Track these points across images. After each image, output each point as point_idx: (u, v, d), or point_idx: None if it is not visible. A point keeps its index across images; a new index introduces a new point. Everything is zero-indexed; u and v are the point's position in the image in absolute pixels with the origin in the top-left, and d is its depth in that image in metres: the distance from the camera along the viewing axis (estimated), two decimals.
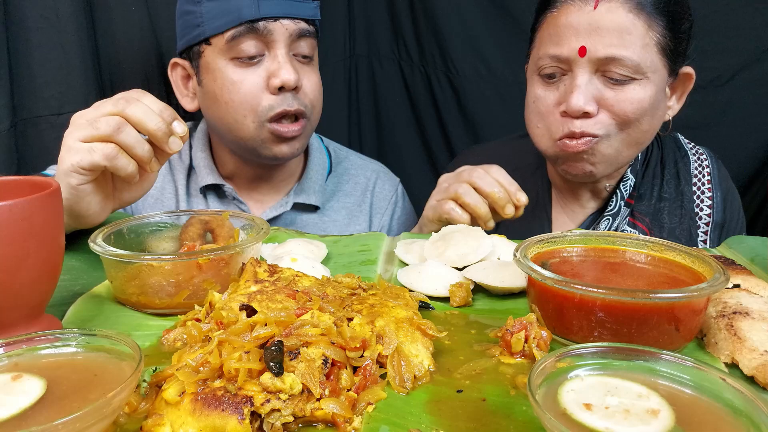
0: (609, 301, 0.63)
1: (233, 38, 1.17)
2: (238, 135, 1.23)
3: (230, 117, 1.22)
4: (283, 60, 1.19)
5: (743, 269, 0.82)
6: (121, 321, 0.75)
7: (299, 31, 1.20)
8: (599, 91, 1.05)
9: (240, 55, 1.18)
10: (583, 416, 0.46)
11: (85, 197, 0.86)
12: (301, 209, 1.40)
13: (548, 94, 1.11)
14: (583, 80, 1.04)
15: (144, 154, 0.85)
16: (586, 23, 1.03)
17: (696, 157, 1.28)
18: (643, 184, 1.23)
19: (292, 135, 1.22)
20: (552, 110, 1.10)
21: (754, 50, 1.55)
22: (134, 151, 0.84)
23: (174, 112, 0.87)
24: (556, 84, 1.10)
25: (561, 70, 1.08)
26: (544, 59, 1.09)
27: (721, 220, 1.24)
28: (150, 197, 1.37)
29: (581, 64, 1.04)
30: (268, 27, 1.17)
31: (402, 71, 1.89)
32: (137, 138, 0.84)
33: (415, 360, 0.61)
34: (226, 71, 1.20)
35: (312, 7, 1.23)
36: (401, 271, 0.87)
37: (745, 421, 0.46)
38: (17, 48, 1.31)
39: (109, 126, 0.82)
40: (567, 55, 1.05)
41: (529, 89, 1.16)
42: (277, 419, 0.51)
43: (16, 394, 0.48)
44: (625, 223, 1.21)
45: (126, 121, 0.83)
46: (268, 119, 1.20)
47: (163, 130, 0.85)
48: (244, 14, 1.16)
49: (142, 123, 0.84)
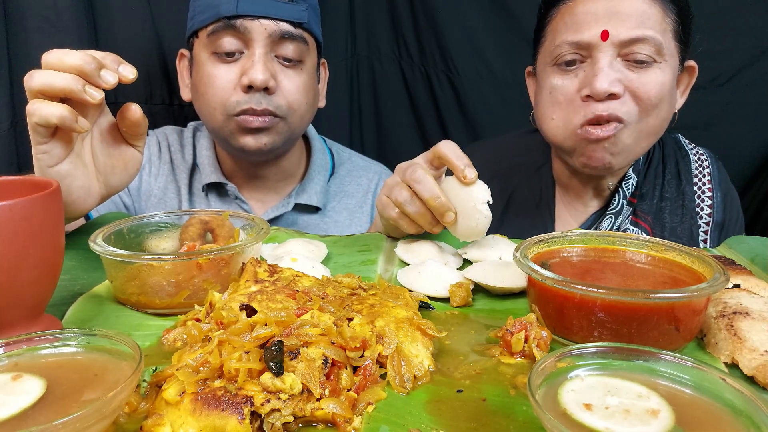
0: (609, 301, 0.63)
1: (212, 33, 1.20)
2: (211, 125, 1.27)
3: (205, 108, 1.25)
4: (257, 59, 1.19)
5: (743, 269, 0.82)
6: (121, 321, 0.75)
7: (281, 33, 1.20)
8: (623, 74, 1.05)
9: (218, 50, 1.20)
10: (583, 416, 0.46)
11: (64, 179, 0.83)
12: (302, 210, 1.40)
13: (567, 82, 1.10)
14: (605, 63, 1.04)
15: (65, 83, 0.77)
16: (605, 9, 1.04)
17: (696, 157, 1.28)
18: (646, 184, 1.23)
19: (257, 125, 1.21)
20: (572, 97, 1.09)
21: (754, 50, 1.54)
22: (54, 88, 0.77)
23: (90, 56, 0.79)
24: (574, 71, 1.09)
25: (580, 56, 1.08)
26: (562, 47, 1.08)
27: (721, 219, 1.24)
28: (153, 197, 1.37)
29: (603, 48, 1.04)
30: (246, 25, 1.18)
31: (402, 71, 1.89)
32: (51, 74, 0.77)
33: (415, 360, 0.61)
34: (206, 65, 1.22)
35: (298, 10, 1.22)
36: (401, 271, 0.87)
37: (745, 421, 0.46)
38: (17, 48, 1.31)
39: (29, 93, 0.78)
40: (588, 40, 1.05)
41: (543, 82, 1.15)
42: (277, 419, 0.51)
43: (16, 394, 0.48)
44: (627, 222, 1.21)
45: (35, 70, 0.78)
46: (234, 113, 1.21)
47: (74, 85, 0.77)
48: (222, 10, 1.17)
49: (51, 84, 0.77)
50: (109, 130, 0.89)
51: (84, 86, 0.77)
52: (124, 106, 0.85)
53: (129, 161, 0.91)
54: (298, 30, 1.23)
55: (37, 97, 0.78)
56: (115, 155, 0.90)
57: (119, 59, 0.82)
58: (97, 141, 0.88)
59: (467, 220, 0.88)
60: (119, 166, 0.90)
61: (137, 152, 0.92)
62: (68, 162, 0.83)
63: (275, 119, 1.23)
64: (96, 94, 0.78)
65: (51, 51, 0.78)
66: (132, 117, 0.85)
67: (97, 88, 0.78)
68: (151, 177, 1.38)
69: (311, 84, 1.30)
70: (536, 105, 1.19)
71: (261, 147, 1.25)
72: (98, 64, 0.78)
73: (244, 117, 1.21)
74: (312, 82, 1.30)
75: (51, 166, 0.82)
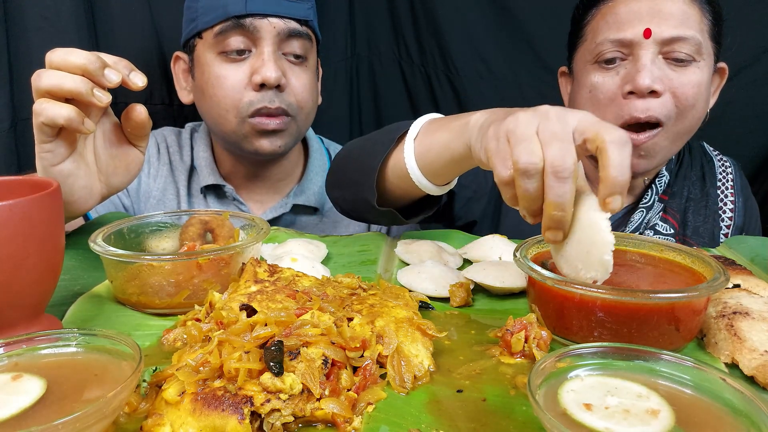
0: (609, 301, 0.63)
1: (220, 33, 1.19)
2: (222, 129, 1.26)
3: (215, 111, 1.24)
4: (268, 57, 1.19)
5: (743, 269, 0.82)
6: (121, 321, 0.75)
7: (288, 31, 1.21)
8: (663, 72, 1.07)
9: (226, 50, 1.20)
10: (583, 416, 0.46)
11: (66, 178, 0.83)
12: (300, 211, 1.40)
13: (608, 80, 1.11)
14: (648, 60, 1.06)
15: (74, 85, 0.77)
16: (647, 8, 1.06)
17: (720, 163, 1.32)
18: (677, 183, 1.26)
19: (273, 128, 1.22)
20: (614, 94, 1.11)
21: (754, 50, 1.54)
22: (62, 89, 0.77)
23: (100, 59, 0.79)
24: (615, 69, 1.11)
25: (622, 54, 1.09)
26: (604, 44, 1.10)
27: (742, 224, 1.27)
28: (152, 198, 1.37)
29: (646, 45, 1.06)
30: (255, 24, 1.18)
31: (402, 71, 1.89)
32: (59, 76, 0.77)
33: (415, 360, 0.61)
34: (213, 66, 1.22)
35: (304, 8, 1.23)
36: (401, 271, 0.87)
37: (745, 421, 0.46)
38: (17, 48, 1.31)
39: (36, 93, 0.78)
40: (631, 38, 1.07)
41: (582, 80, 1.16)
42: (277, 419, 0.51)
43: (16, 394, 0.48)
44: (657, 218, 1.23)
45: (42, 70, 0.78)
46: (248, 115, 1.21)
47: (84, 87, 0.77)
48: (230, 10, 1.17)
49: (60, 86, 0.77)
50: (112, 130, 0.89)
51: (92, 89, 0.78)
52: (130, 106, 0.85)
53: (131, 161, 0.91)
54: (304, 28, 1.23)
55: (45, 96, 0.78)
56: (118, 155, 0.90)
57: (131, 66, 0.83)
58: (100, 141, 0.88)
59: (578, 251, 0.66)
60: (121, 166, 0.91)
61: (139, 153, 0.92)
62: (71, 161, 0.84)
63: (288, 120, 1.24)
64: (103, 98, 0.79)
65: (55, 50, 0.78)
66: (138, 118, 0.85)
67: (104, 91, 0.79)
68: (150, 178, 1.38)
69: (314, 81, 1.31)
70: (573, 104, 1.21)
71: (276, 150, 1.25)
72: (102, 63, 0.78)
73: (259, 120, 1.21)
74: (314, 79, 1.32)
75: (54, 165, 0.82)
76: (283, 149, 1.27)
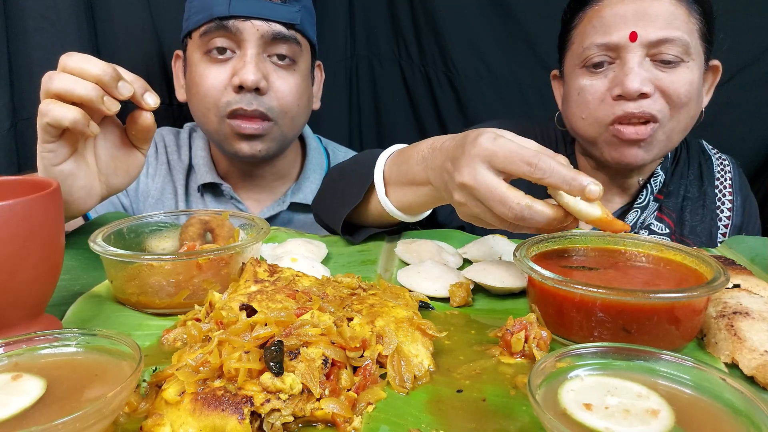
0: (609, 301, 0.63)
1: (205, 33, 1.20)
2: (206, 128, 1.28)
3: (198, 110, 1.26)
4: (249, 60, 1.19)
5: (743, 269, 0.82)
6: (121, 321, 0.75)
7: (273, 34, 1.20)
8: (652, 74, 1.07)
9: (210, 49, 1.21)
10: (583, 416, 0.46)
11: (66, 178, 0.84)
12: (297, 209, 1.41)
13: (596, 82, 1.11)
14: (635, 63, 1.06)
15: (85, 91, 0.78)
16: (633, 11, 1.06)
17: (719, 161, 1.31)
18: (673, 182, 1.26)
19: (250, 132, 1.22)
20: (602, 96, 1.10)
21: (754, 50, 1.54)
22: (73, 94, 0.78)
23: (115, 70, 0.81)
24: (603, 72, 1.10)
25: (609, 58, 1.09)
26: (591, 49, 1.10)
27: (740, 222, 1.26)
28: (150, 197, 1.37)
29: (632, 49, 1.06)
30: (237, 26, 1.18)
31: (402, 71, 1.89)
32: (72, 81, 0.78)
33: (415, 360, 0.61)
34: (198, 65, 1.23)
35: (291, 11, 1.21)
36: (401, 271, 0.87)
37: (745, 421, 0.46)
38: (17, 48, 1.31)
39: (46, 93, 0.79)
40: (617, 41, 1.06)
41: (572, 84, 1.16)
42: (277, 419, 0.51)
43: (16, 394, 0.48)
44: (652, 217, 1.23)
45: (55, 72, 0.80)
46: (226, 115, 1.21)
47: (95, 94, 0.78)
48: (215, 11, 1.18)
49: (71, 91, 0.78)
50: (115, 132, 0.90)
51: (103, 96, 0.79)
52: (136, 111, 0.86)
53: (132, 163, 0.92)
54: (290, 31, 1.22)
55: (53, 98, 0.79)
56: (119, 157, 0.90)
57: (147, 86, 0.84)
58: (102, 142, 0.89)
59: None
60: (122, 167, 0.91)
61: (140, 155, 0.93)
62: (72, 161, 0.84)
63: (268, 125, 1.23)
64: (113, 107, 0.80)
65: (71, 54, 0.80)
66: (144, 123, 0.87)
67: (114, 100, 0.80)
68: (148, 178, 1.39)
69: (304, 86, 1.29)
70: (564, 106, 1.21)
71: (256, 153, 1.26)
72: (117, 75, 0.80)
73: (237, 123, 1.21)
74: (305, 84, 1.30)
75: (55, 164, 0.83)
76: (265, 153, 1.27)
